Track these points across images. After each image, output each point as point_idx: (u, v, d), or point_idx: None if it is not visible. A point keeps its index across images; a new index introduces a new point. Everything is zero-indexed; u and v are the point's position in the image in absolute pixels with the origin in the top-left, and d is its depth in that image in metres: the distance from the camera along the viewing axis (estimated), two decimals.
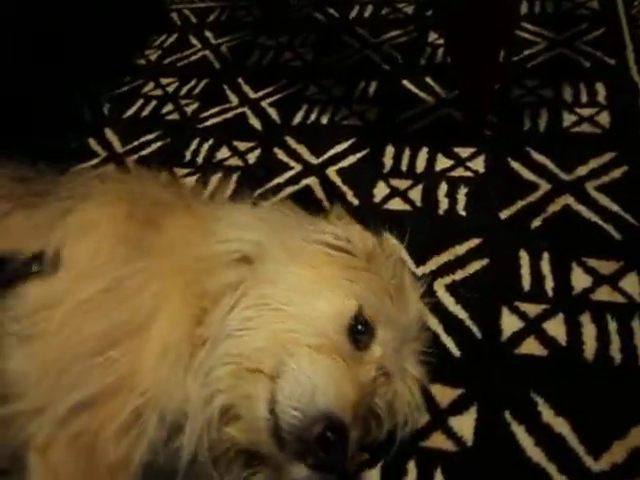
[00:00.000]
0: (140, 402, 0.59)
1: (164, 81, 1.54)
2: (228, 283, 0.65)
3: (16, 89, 1.27)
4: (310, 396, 0.56)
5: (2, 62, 1.26)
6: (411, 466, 0.69)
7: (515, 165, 1.06)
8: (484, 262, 0.91)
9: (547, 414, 0.71)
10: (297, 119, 1.29)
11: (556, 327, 0.80)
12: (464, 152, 1.11)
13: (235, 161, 1.21)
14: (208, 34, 1.73)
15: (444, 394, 0.76)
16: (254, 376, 0.59)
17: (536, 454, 0.68)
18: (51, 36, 1.41)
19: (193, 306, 0.64)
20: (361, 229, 0.76)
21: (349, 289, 0.65)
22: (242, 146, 1.24)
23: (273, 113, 1.33)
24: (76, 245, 0.67)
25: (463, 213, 1.00)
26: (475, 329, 0.82)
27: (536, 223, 0.95)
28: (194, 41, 1.71)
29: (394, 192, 1.06)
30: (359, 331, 0.63)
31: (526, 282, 0.87)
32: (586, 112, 1.15)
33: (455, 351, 0.80)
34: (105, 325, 0.61)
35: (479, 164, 1.08)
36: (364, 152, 1.16)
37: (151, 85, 1.53)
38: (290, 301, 0.63)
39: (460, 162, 1.09)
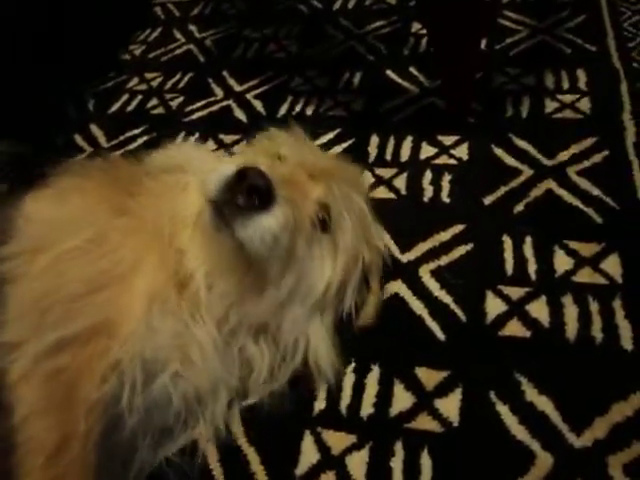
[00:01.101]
0: (122, 346, 0.61)
1: (149, 76, 1.54)
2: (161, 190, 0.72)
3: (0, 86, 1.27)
4: (223, 169, 0.63)
5: None
6: (398, 447, 0.71)
7: (498, 152, 1.07)
8: (468, 247, 0.92)
9: (530, 393, 0.73)
10: (282, 111, 1.30)
11: (539, 309, 0.82)
12: (448, 140, 1.12)
13: (221, 154, 1.21)
14: (192, 28, 1.73)
15: (430, 377, 0.77)
16: None
17: (520, 432, 0.70)
18: (35, 33, 1.41)
19: (169, 253, 0.68)
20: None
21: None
22: (228, 139, 1.25)
23: (258, 105, 1.33)
24: (62, 202, 0.71)
25: (447, 200, 1.01)
26: (460, 313, 0.83)
27: (519, 208, 0.96)
28: (178, 35, 1.71)
29: (379, 181, 1.07)
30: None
31: (509, 266, 0.88)
32: (567, 98, 1.16)
33: (440, 335, 0.81)
34: (89, 272, 0.64)
35: (463, 151, 1.09)
36: (349, 142, 1.17)
37: (136, 80, 1.53)
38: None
39: (444, 150, 1.11)
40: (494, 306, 0.83)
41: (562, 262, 0.87)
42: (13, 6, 1.37)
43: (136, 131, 1.33)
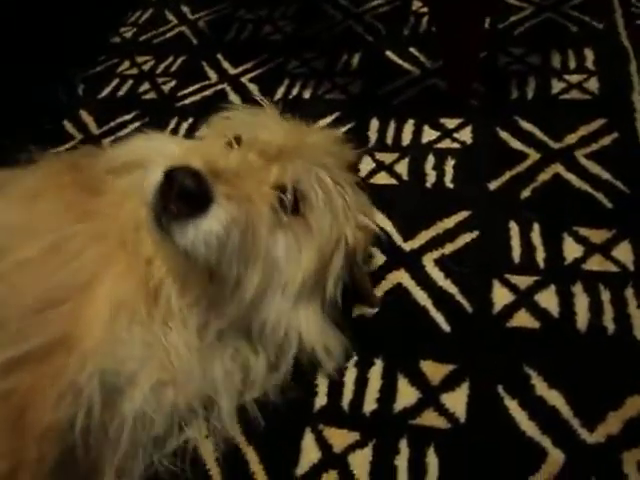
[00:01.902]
0: (81, 363, 0.57)
1: (140, 59, 1.49)
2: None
3: None
4: (152, 175, 0.58)
5: None
6: (403, 445, 0.68)
7: (503, 135, 1.03)
8: (474, 235, 0.88)
9: (540, 387, 0.70)
10: (278, 94, 1.25)
11: (548, 298, 0.79)
12: (451, 123, 1.08)
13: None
14: (185, 9, 1.67)
15: (435, 371, 0.74)
16: None
17: (530, 428, 0.67)
18: (23, 16, 1.36)
19: (136, 261, 0.64)
20: None
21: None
22: None
23: (254, 89, 1.29)
24: (23, 206, 0.67)
25: (451, 185, 0.97)
26: (465, 303, 0.80)
27: (526, 193, 0.93)
28: (170, 17, 1.65)
29: (380, 166, 1.03)
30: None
31: (516, 254, 0.85)
32: (575, 78, 1.12)
33: (445, 326, 0.78)
34: (45, 284, 0.59)
35: (466, 135, 1.05)
36: (348, 126, 1.12)
37: (126, 64, 1.48)
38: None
39: (447, 133, 1.06)
40: (501, 296, 0.80)
41: (571, 249, 0.84)
42: None
43: (127, 117, 1.29)
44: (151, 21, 1.65)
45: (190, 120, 1.23)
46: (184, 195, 0.55)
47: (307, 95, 1.23)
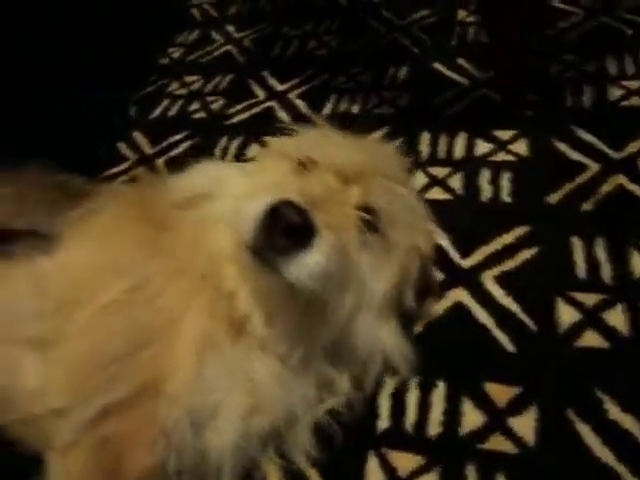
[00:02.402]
0: (170, 406, 0.58)
1: (188, 79, 1.52)
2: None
3: (43, 97, 1.27)
4: (247, 209, 0.58)
5: (29, 69, 1.26)
6: (470, 470, 0.66)
7: (560, 146, 1.01)
8: (534, 251, 0.86)
9: (613, 411, 0.67)
10: (327, 110, 1.26)
11: (616, 317, 0.76)
12: (505, 135, 1.06)
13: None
14: (230, 28, 1.70)
15: (501, 393, 0.72)
16: None
17: (605, 454, 0.64)
18: (74, 42, 1.41)
19: (218, 295, 0.64)
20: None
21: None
22: None
23: (301, 105, 1.29)
24: (95, 246, 0.68)
25: (508, 199, 0.95)
26: (529, 322, 0.78)
27: (587, 207, 0.90)
28: (216, 36, 1.68)
29: (433, 181, 1.01)
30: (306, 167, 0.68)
31: (581, 270, 0.82)
32: (634, 84, 1.08)
33: (509, 346, 0.76)
34: (132, 327, 0.60)
35: (522, 147, 1.03)
36: (399, 140, 1.12)
37: (176, 84, 1.51)
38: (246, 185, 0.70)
39: (501, 146, 1.04)
40: (567, 315, 0.77)
41: (639, 265, 0.80)
42: (54, 13, 1.38)
43: (178, 136, 1.31)
44: (198, 41, 1.69)
45: (240, 138, 1.25)
46: (290, 230, 0.55)
47: (355, 110, 1.23)
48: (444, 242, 0.89)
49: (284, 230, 0.55)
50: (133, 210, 0.71)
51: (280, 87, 1.37)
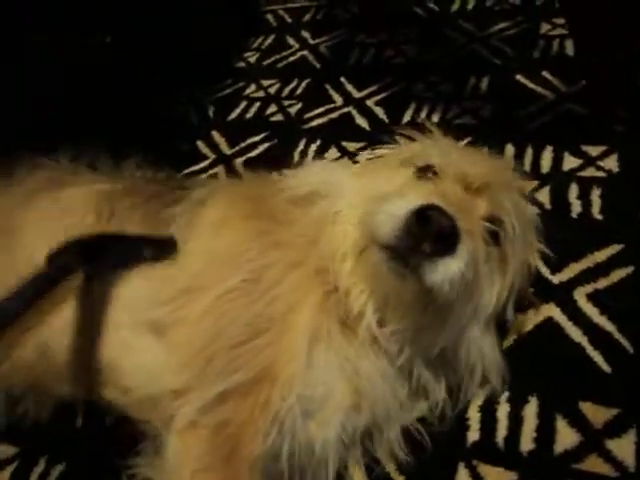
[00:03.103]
0: (283, 394, 0.59)
1: (265, 83, 1.55)
2: (319, 214, 0.69)
3: (127, 97, 1.32)
4: (396, 210, 0.58)
5: (114, 72, 1.31)
6: None
7: None
8: (629, 270, 0.84)
9: None
10: (406, 118, 1.26)
11: None
12: (594, 150, 1.04)
13: (345, 161, 1.19)
14: (305, 34, 1.72)
15: (597, 413, 0.70)
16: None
17: None
18: (154, 45, 1.46)
19: (333, 290, 0.65)
20: None
21: (399, 159, 0.74)
22: (351, 146, 1.22)
23: (380, 112, 1.30)
24: (212, 239, 0.71)
25: (599, 216, 0.93)
26: (625, 343, 0.76)
27: None
28: (291, 41, 1.71)
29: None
30: (427, 177, 0.69)
31: None
32: None
33: (605, 367, 0.74)
34: (250, 314, 0.62)
35: (612, 163, 1.01)
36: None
37: (253, 87, 1.54)
38: (366, 190, 0.70)
39: (590, 161, 1.02)
40: None
41: None
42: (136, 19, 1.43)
43: (256, 138, 1.34)
44: (273, 46, 1.72)
45: (318, 142, 1.26)
46: (438, 235, 0.56)
47: (436, 119, 1.23)
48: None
49: (433, 235, 0.55)
50: (246, 204, 0.73)
51: (358, 94, 1.38)
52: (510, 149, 1.09)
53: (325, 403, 0.61)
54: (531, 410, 0.72)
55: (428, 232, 0.55)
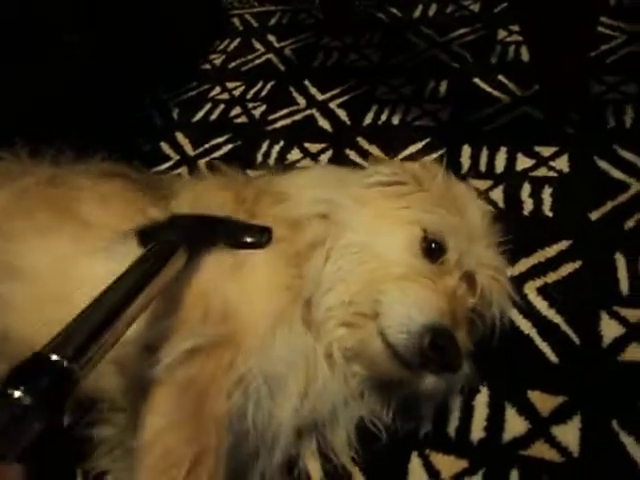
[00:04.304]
0: (245, 360, 0.61)
1: (230, 85, 1.55)
2: (315, 240, 0.70)
3: (89, 97, 1.31)
4: (410, 318, 0.62)
5: (76, 72, 1.30)
6: (514, 476, 0.67)
7: (602, 164, 1.02)
8: (577, 264, 0.87)
9: None
10: (368, 120, 1.28)
11: None
12: (546, 151, 1.07)
13: (307, 162, 1.20)
14: (271, 38, 1.74)
15: (544, 402, 0.73)
16: (360, 320, 0.66)
17: None
18: (120, 46, 1.45)
19: (291, 267, 0.68)
20: (401, 161, 0.87)
21: (409, 216, 0.73)
22: (313, 148, 1.24)
23: (342, 114, 1.32)
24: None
25: (550, 214, 0.96)
26: (572, 334, 0.79)
27: (630, 224, 0.91)
28: (257, 45, 1.72)
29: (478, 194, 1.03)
30: (432, 249, 0.70)
31: (624, 286, 0.83)
32: None
33: (552, 357, 0.77)
34: (225, 293, 0.65)
35: (563, 163, 1.04)
36: (439, 152, 1.14)
37: (217, 89, 1.55)
38: (368, 243, 0.71)
39: (542, 161, 1.06)
40: (610, 329, 0.78)
41: None
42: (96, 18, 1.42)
43: (220, 139, 1.34)
44: (239, 49, 1.73)
45: (281, 143, 1.27)
46: (443, 363, 0.61)
47: (396, 121, 1.25)
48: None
49: (441, 362, 0.61)
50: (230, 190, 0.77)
51: (321, 96, 1.40)
52: (467, 150, 1.12)
53: (283, 383, 0.63)
54: (482, 400, 0.74)
55: (437, 358, 0.61)
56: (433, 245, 0.70)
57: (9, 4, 1.14)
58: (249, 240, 0.68)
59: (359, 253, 0.70)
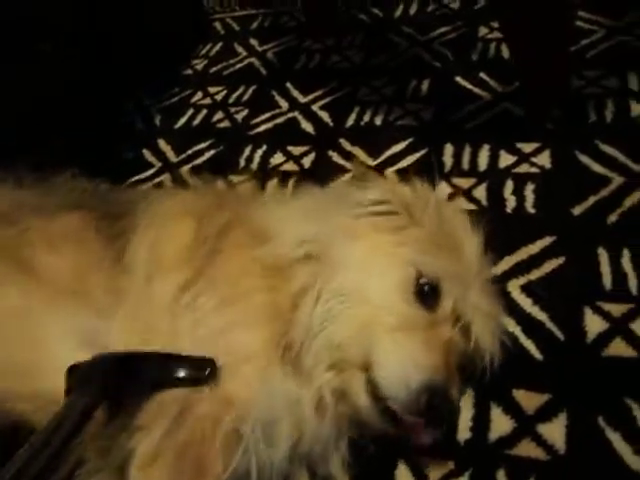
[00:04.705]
0: (237, 411, 0.60)
1: (212, 90, 1.55)
2: (304, 286, 0.67)
3: (71, 104, 1.30)
4: (406, 377, 0.61)
5: (57, 77, 1.29)
6: (501, 475, 0.66)
7: (584, 159, 1.02)
8: (560, 261, 0.87)
9: None
10: (350, 121, 1.28)
11: None
12: (528, 147, 1.07)
13: (290, 166, 1.20)
14: (253, 41, 1.73)
15: (530, 400, 0.72)
16: (348, 367, 0.64)
17: (636, 462, 0.64)
18: (101, 51, 1.44)
19: (279, 322, 0.66)
20: (391, 182, 0.83)
21: (403, 256, 0.69)
22: (296, 150, 1.23)
23: (325, 116, 1.32)
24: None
25: (532, 211, 0.96)
26: (556, 331, 0.79)
27: (612, 218, 0.91)
28: (239, 49, 1.72)
29: (458, 191, 1.03)
30: (425, 293, 0.67)
31: (607, 280, 0.83)
32: None
33: (537, 354, 0.77)
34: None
35: (545, 159, 1.04)
36: (422, 152, 1.13)
37: (199, 94, 1.54)
38: (360, 285, 0.67)
39: (524, 158, 1.06)
40: (594, 324, 0.78)
41: None
42: (80, 23, 1.41)
43: (203, 145, 1.33)
44: (221, 53, 1.72)
45: (264, 147, 1.27)
46: (435, 417, 0.61)
47: (379, 122, 1.25)
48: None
49: (432, 416, 0.61)
50: (190, 222, 0.73)
51: (303, 99, 1.40)
52: (449, 148, 1.12)
53: (276, 428, 0.62)
54: (467, 400, 0.74)
55: (431, 417, 0.60)
56: (426, 288, 0.67)
57: None
58: (183, 375, 0.62)
59: (350, 295, 0.67)
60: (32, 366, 0.63)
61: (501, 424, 0.71)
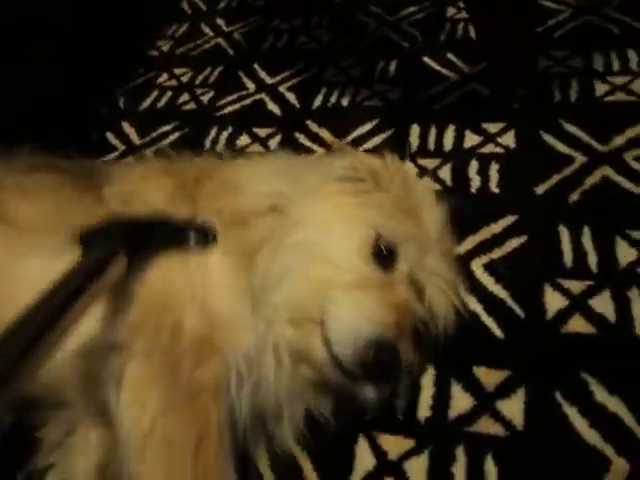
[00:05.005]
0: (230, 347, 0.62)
1: (178, 71, 1.51)
2: (265, 235, 0.68)
3: (34, 87, 1.26)
4: (355, 331, 0.62)
5: (20, 61, 1.24)
6: (460, 452, 0.67)
7: (548, 138, 1.02)
8: (522, 239, 0.87)
9: (600, 394, 0.68)
10: (317, 102, 1.26)
11: (603, 304, 0.77)
12: (493, 127, 1.07)
13: (256, 148, 1.18)
14: (220, 21, 1.70)
15: (489, 377, 0.73)
16: (306, 324, 0.65)
17: (592, 436, 0.65)
18: (64, 31, 1.40)
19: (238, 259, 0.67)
20: (364, 154, 0.82)
21: (364, 218, 0.70)
22: (262, 132, 1.21)
23: (292, 97, 1.30)
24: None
25: (496, 190, 0.96)
26: (517, 308, 0.79)
27: (574, 197, 0.91)
28: (206, 29, 1.68)
29: (423, 172, 1.02)
30: (383, 255, 0.68)
31: (568, 258, 0.83)
32: (619, 80, 1.10)
33: (498, 332, 0.77)
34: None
35: (510, 139, 1.04)
36: (389, 132, 1.12)
37: (165, 76, 1.51)
38: (318, 242, 0.68)
39: (490, 138, 1.06)
40: (554, 301, 0.79)
41: (625, 253, 0.82)
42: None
43: (168, 127, 1.31)
44: (187, 34, 1.68)
45: (230, 129, 1.25)
46: (384, 370, 0.62)
47: (345, 103, 1.24)
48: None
49: (383, 374, 0.62)
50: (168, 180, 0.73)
51: (270, 80, 1.37)
52: (416, 129, 1.12)
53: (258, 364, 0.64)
54: (428, 378, 0.74)
55: (379, 372, 0.61)
56: (385, 250, 0.68)
57: None
58: (191, 242, 0.65)
59: (309, 252, 0.68)
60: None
61: (461, 401, 0.71)
